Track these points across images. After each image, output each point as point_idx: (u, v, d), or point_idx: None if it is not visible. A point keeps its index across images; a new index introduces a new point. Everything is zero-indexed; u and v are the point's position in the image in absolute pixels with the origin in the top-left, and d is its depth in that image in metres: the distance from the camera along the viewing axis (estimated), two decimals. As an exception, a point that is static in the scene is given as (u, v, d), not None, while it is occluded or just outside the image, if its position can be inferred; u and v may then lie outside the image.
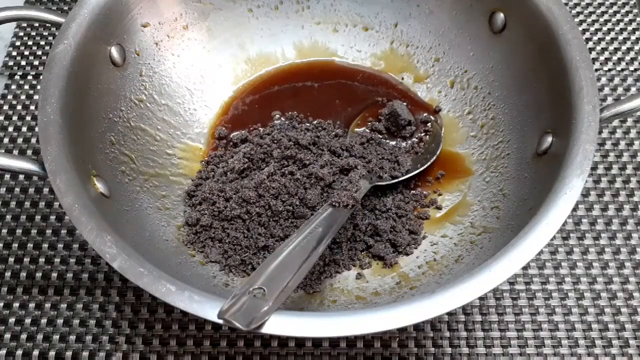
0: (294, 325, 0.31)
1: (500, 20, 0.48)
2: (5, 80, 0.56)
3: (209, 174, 0.48)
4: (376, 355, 0.43)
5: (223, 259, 0.43)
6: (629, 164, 0.52)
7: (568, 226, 0.49)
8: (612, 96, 0.56)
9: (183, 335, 0.43)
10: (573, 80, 0.40)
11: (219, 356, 0.43)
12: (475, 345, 0.43)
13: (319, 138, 0.48)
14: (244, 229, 0.44)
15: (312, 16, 0.55)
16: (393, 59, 0.55)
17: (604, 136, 0.53)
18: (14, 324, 0.43)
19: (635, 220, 0.49)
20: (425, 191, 0.48)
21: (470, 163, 0.49)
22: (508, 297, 0.45)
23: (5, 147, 0.52)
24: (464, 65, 0.52)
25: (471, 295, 0.32)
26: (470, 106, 0.51)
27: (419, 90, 0.54)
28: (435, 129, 0.51)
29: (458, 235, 0.44)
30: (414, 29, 0.54)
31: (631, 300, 0.45)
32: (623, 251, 0.47)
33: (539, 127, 0.43)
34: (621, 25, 0.60)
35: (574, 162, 0.37)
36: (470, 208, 0.46)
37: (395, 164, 0.48)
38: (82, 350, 0.43)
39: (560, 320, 0.44)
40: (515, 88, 0.47)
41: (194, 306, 0.32)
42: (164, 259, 0.40)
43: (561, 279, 0.46)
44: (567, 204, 0.35)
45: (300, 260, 0.35)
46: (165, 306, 0.44)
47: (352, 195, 0.42)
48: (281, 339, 0.43)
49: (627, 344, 0.44)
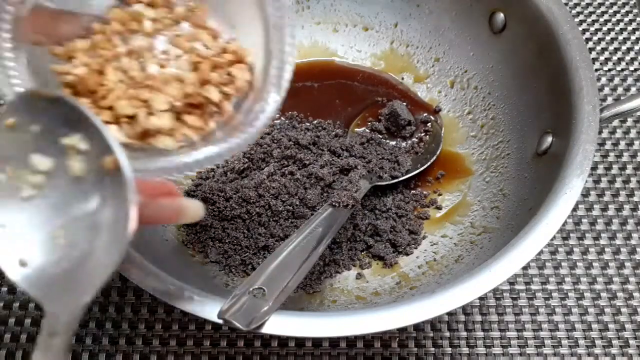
0: (294, 325, 0.31)
1: (500, 20, 0.48)
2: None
3: (209, 173, 0.48)
4: (376, 356, 0.43)
5: (223, 259, 0.43)
6: (629, 164, 0.52)
7: (568, 226, 0.49)
8: (612, 96, 0.55)
9: (183, 335, 0.43)
10: (573, 80, 0.40)
11: (219, 356, 0.43)
12: (475, 345, 0.43)
13: (319, 138, 0.48)
14: (244, 229, 0.44)
15: (312, 16, 0.55)
16: (393, 59, 0.55)
17: (604, 136, 0.53)
18: (14, 324, 0.43)
19: (635, 220, 0.49)
20: (425, 191, 0.48)
21: (470, 163, 0.49)
22: (508, 297, 0.45)
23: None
24: (464, 65, 0.52)
25: (471, 296, 0.32)
26: (470, 106, 0.51)
27: (419, 90, 0.54)
28: (435, 129, 0.51)
29: (458, 235, 0.44)
30: (414, 29, 0.54)
31: (631, 300, 0.45)
32: (623, 251, 0.47)
33: (539, 127, 0.43)
34: (621, 25, 0.60)
35: (574, 162, 0.37)
36: (470, 208, 0.46)
37: (395, 164, 0.48)
38: (82, 352, 0.43)
39: (560, 320, 0.44)
40: (515, 88, 0.47)
41: (194, 306, 0.32)
42: (163, 259, 0.40)
43: (561, 279, 0.46)
44: (567, 204, 0.35)
45: (300, 260, 0.35)
46: (165, 306, 0.44)
47: (352, 195, 0.42)
48: (281, 339, 0.43)
49: (627, 344, 0.44)
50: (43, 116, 0.24)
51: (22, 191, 0.24)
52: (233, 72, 0.31)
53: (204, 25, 0.32)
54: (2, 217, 0.24)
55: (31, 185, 0.24)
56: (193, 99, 0.29)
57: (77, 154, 0.24)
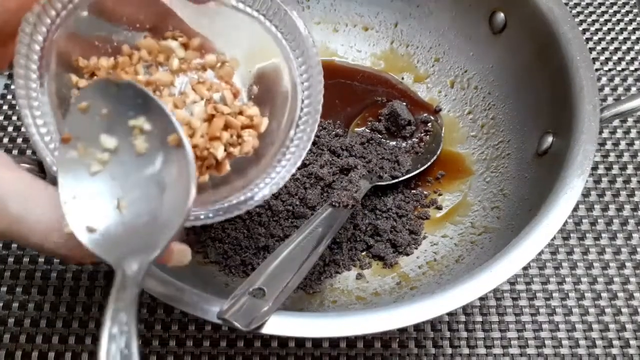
0: (294, 325, 0.31)
1: (500, 20, 0.48)
2: (5, 80, 0.56)
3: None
4: (376, 356, 0.42)
5: (223, 259, 0.43)
6: (630, 164, 0.52)
7: (568, 226, 0.49)
8: (612, 96, 0.55)
9: (183, 336, 0.43)
10: (573, 80, 0.40)
11: (218, 356, 0.42)
12: (476, 345, 0.43)
13: (319, 138, 0.48)
14: (243, 229, 0.44)
15: (312, 16, 0.55)
16: (393, 59, 0.55)
17: (604, 136, 0.53)
18: (14, 324, 0.43)
19: (635, 221, 0.49)
20: (426, 191, 0.48)
21: (470, 163, 0.49)
22: (508, 298, 0.45)
23: (5, 147, 0.52)
24: (464, 65, 0.52)
25: (471, 296, 0.32)
26: (470, 106, 0.51)
27: (419, 90, 0.54)
28: (435, 129, 0.51)
29: (458, 236, 0.44)
30: (414, 29, 0.54)
31: (632, 301, 0.45)
32: (624, 251, 0.47)
33: (539, 127, 0.43)
34: (621, 25, 0.60)
35: (574, 162, 0.37)
36: (470, 208, 0.46)
37: (396, 164, 0.48)
38: (81, 352, 0.42)
39: (561, 321, 0.44)
40: (515, 88, 0.47)
41: (193, 307, 0.32)
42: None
43: (562, 279, 0.46)
44: (568, 204, 0.35)
45: (300, 260, 0.35)
46: (165, 306, 0.44)
47: (352, 195, 0.42)
48: (281, 339, 0.43)
49: (627, 344, 0.43)
50: (112, 100, 0.27)
51: (91, 167, 0.27)
52: (244, 137, 0.31)
53: (229, 80, 0.32)
54: (74, 189, 0.26)
55: (99, 161, 0.27)
56: (198, 150, 0.30)
57: (141, 134, 0.27)
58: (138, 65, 0.31)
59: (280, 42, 0.33)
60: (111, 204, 0.26)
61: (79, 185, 0.27)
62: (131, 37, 0.32)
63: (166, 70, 0.32)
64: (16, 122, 0.54)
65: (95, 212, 0.26)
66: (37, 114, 0.28)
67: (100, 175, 0.27)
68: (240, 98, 0.33)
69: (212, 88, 0.32)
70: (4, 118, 0.54)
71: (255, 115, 0.32)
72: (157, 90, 0.31)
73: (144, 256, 0.25)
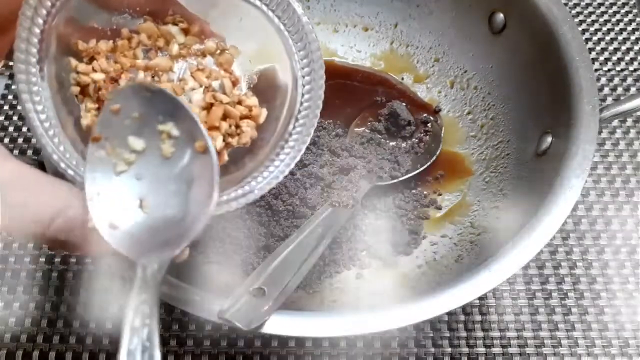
0: (294, 325, 0.31)
1: (500, 20, 0.48)
2: (5, 81, 0.56)
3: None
4: (376, 356, 0.43)
5: (223, 259, 0.43)
6: (629, 164, 0.52)
7: (568, 226, 0.49)
8: (611, 96, 0.56)
9: (183, 335, 0.43)
10: (573, 80, 0.40)
11: (219, 356, 0.43)
12: (475, 345, 0.43)
13: (319, 138, 0.48)
14: (244, 228, 0.44)
15: (312, 16, 0.55)
16: (393, 59, 0.55)
17: (603, 136, 0.53)
18: (14, 324, 0.43)
19: (634, 220, 0.49)
20: (425, 191, 0.48)
21: (470, 163, 0.49)
22: (508, 297, 0.45)
23: (6, 147, 0.52)
24: (464, 65, 0.52)
25: (471, 295, 0.32)
26: (470, 106, 0.51)
27: (419, 90, 0.54)
28: (435, 129, 0.51)
29: (458, 235, 0.44)
30: (414, 29, 0.54)
31: (631, 300, 0.45)
32: (623, 251, 0.47)
33: (538, 127, 0.43)
34: (621, 25, 0.60)
35: (573, 162, 0.37)
36: (470, 208, 0.46)
37: (395, 164, 0.48)
38: (82, 352, 0.43)
39: (560, 320, 0.44)
40: (515, 88, 0.47)
41: (194, 306, 0.32)
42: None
43: (561, 279, 0.46)
44: (567, 204, 0.35)
45: (300, 260, 0.35)
46: (166, 306, 0.44)
47: (352, 195, 0.42)
48: (281, 339, 0.43)
49: (626, 344, 0.44)
50: (144, 105, 0.28)
51: (117, 166, 0.28)
52: (243, 127, 0.31)
53: (229, 68, 0.32)
54: (99, 187, 0.27)
55: (125, 161, 0.28)
56: None
57: (168, 139, 0.28)
58: (137, 49, 0.31)
59: (282, 34, 0.32)
60: (134, 203, 0.27)
61: (104, 183, 0.27)
62: (131, 21, 0.32)
63: (166, 56, 0.31)
64: (17, 122, 0.54)
65: (119, 210, 0.27)
66: (37, 99, 0.28)
67: (125, 174, 0.28)
68: (239, 87, 0.33)
69: (211, 75, 0.31)
70: (5, 118, 0.54)
71: (254, 106, 0.32)
72: (156, 76, 0.31)
73: (165, 254, 0.26)
